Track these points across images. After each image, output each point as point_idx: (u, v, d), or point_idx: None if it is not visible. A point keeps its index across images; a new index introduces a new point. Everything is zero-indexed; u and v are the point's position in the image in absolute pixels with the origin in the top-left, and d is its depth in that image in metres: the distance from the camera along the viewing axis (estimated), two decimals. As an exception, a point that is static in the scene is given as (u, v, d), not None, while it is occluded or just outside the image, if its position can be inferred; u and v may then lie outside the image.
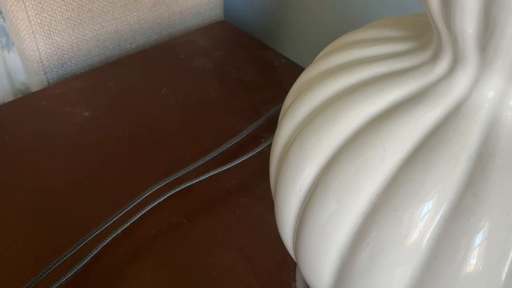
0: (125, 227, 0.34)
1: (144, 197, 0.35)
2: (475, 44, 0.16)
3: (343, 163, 0.19)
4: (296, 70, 0.51)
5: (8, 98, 0.60)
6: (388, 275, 0.18)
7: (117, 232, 0.33)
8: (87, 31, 0.50)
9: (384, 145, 0.18)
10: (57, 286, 0.30)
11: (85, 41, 0.51)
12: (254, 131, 0.43)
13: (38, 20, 0.46)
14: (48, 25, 0.47)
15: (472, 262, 0.16)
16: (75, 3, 0.48)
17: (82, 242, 0.32)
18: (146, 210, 0.35)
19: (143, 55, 0.52)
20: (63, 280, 0.30)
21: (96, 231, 0.33)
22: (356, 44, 0.23)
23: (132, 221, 0.34)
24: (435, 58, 0.19)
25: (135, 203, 0.35)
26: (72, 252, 0.32)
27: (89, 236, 0.32)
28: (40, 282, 0.30)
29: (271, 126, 0.44)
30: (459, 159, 0.17)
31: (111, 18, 0.51)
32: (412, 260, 0.17)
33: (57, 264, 0.31)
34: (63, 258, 0.31)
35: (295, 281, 0.32)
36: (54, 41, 0.48)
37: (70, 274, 0.31)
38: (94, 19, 0.50)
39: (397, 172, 0.18)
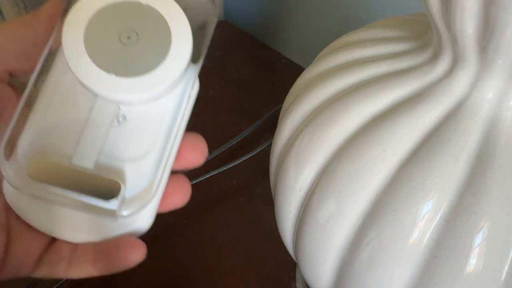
0: (125, 227, 0.34)
1: (144, 197, 0.35)
2: (475, 44, 0.16)
3: (343, 163, 0.19)
4: (296, 70, 0.51)
5: (8, 98, 0.60)
6: (388, 275, 0.18)
7: (117, 232, 0.33)
8: (87, 31, 0.50)
9: (384, 145, 0.18)
10: (57, 286, 0.30)
11: (85, 41, 0.51)
12: (254, 131, 0.43)
13: (38, 20, 0.46)
14: (48, 25, 0.47)
15: (472, 262, 0.16)
16: (75, 3, 0.48)
17: (82, 242, 0.32)
18: (146, 210, 0.35)
19: (143, 55, 0.52)
20: (63, 280, 0.30)
21: (96, 231, 0.33)
22: (356, 44, 0.23)
23: (132, 221, 0.34)
24: (435, 58, 0.19)
25: (135, 203, 0.35)
26: (72, 252, 0.32)
27: (89, 236, 0.32)
28: (40, 282, 0.30)
29: (271, 126, 0.44)
30: (459, 159, 0.17)
31: (111, 18, 0.51)
32: (412, 260, 0.17)
33: (57, 264, 0.31)
34: (63, 258, 0.31)
35: (295, 281, 0.32)
36: (54, 41, 0.48)
37: (70, 274, 0.31)
38: (94, 19, 0.50)
39: (397, 172, 0.18)
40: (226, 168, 0.39)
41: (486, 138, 0.17)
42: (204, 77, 0.20)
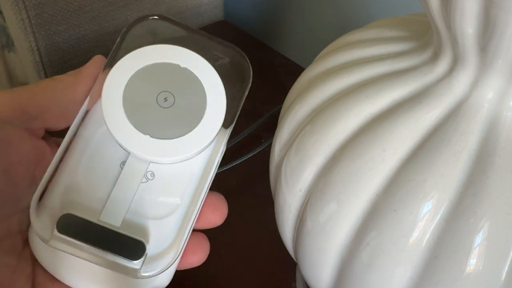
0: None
1: (144, 197, 0.35)
2: (475, 44, 0.16)
3: (343, 163, 0.19)
4: (296, 70, 0.51)
5: (8, 98, 0.59)
6: (388, 275, 0.18)
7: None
8: (88, 32, 0.50)
9: (384, 145, 0.18)
10: (57, 286, 0.30)
11: (85, 41, 0.51)
12: (254, 131, 0.43)
13: (38, 20, 0.46)
14: (48, 25, 0.47)
15: (472, 262, 0.16)
16: (75, 4, 0.48)
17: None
18: (146, 210, 0.35)
19: (143, 55, 0.52)
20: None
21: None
22: (356, 44, 0.23)
23: (132, 221, 0.34)
24: (435, 58, 0.19)
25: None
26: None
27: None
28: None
29: (271, 126, 0.44)
30: (459, 159, 0.17)
31: (111, 18, 0.51)
32: (412, 260, 0.17)
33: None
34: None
35: (295, 281, 0.32)
36: (54, 41, 0.49)
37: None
38: (94, 20, 0.50)
39: (397, 172, 0.18)
40: (226, 168, 0.39)
41: (486, 138, 0.17)
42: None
